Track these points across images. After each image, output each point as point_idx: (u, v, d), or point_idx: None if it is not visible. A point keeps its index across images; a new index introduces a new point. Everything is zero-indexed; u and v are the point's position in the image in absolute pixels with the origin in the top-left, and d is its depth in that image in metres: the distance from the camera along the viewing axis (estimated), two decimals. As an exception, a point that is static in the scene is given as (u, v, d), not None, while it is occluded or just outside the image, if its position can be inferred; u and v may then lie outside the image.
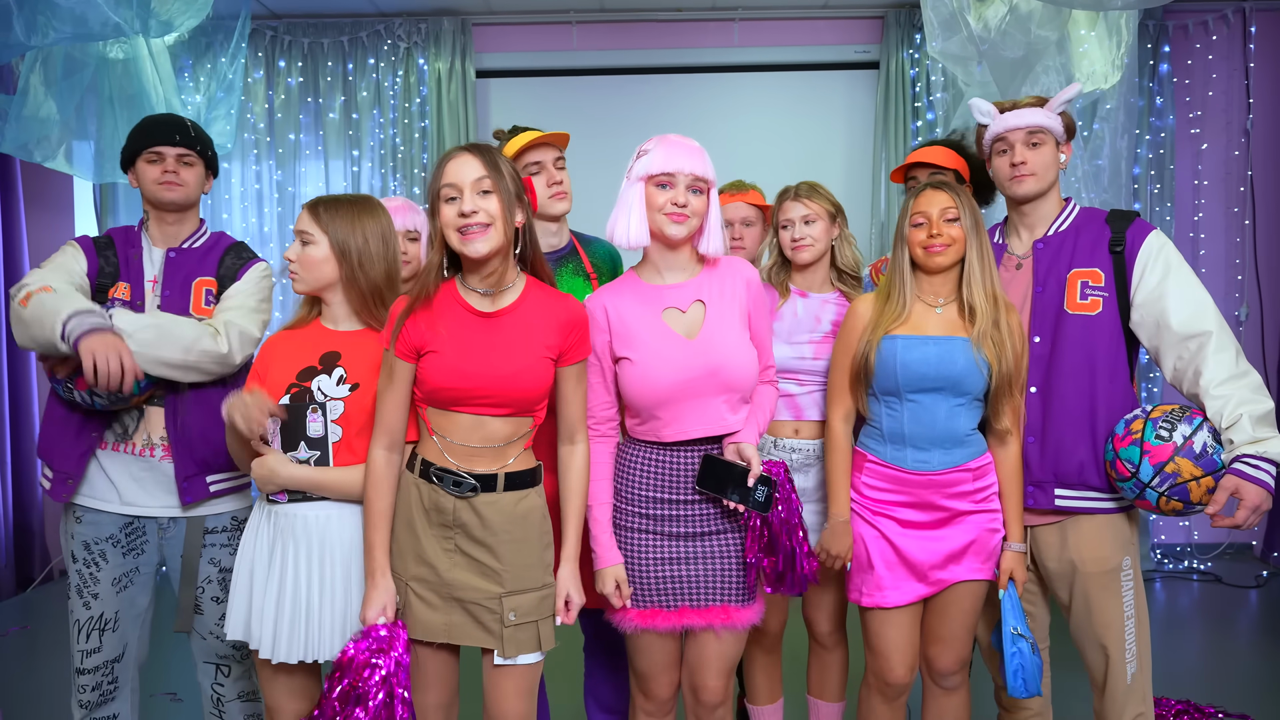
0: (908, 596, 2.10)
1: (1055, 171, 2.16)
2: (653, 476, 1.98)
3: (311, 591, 1.86)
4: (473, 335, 1.82)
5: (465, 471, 1.81)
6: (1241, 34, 4.87)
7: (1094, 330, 2.07)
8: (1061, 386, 2.09)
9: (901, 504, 2.10)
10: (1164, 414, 2.00)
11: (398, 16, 4.98)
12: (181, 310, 2.20)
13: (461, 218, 1.75)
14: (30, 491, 4.77)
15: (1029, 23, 3.13)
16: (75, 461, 2.17)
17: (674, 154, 1.93)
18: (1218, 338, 1.99)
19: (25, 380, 4.74)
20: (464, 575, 1.81)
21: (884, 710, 2.20)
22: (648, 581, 1.98)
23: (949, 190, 2.08)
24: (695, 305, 1.98)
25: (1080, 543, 2.12)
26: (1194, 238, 4.93)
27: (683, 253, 1.99)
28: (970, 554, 2.09)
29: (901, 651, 2.13)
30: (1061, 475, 2.10)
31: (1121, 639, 2.10)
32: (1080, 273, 2.09)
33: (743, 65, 5.08)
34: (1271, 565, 4.78)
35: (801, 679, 2.62)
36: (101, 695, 2.23)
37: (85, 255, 2.23)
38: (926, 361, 2.03)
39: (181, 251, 2.27)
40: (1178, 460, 1.93)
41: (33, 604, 4.49)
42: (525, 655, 1.82)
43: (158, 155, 2.22)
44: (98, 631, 2.20)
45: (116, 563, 2.21)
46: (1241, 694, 3.22)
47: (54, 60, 3.45)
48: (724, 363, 1.93)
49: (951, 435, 2.05)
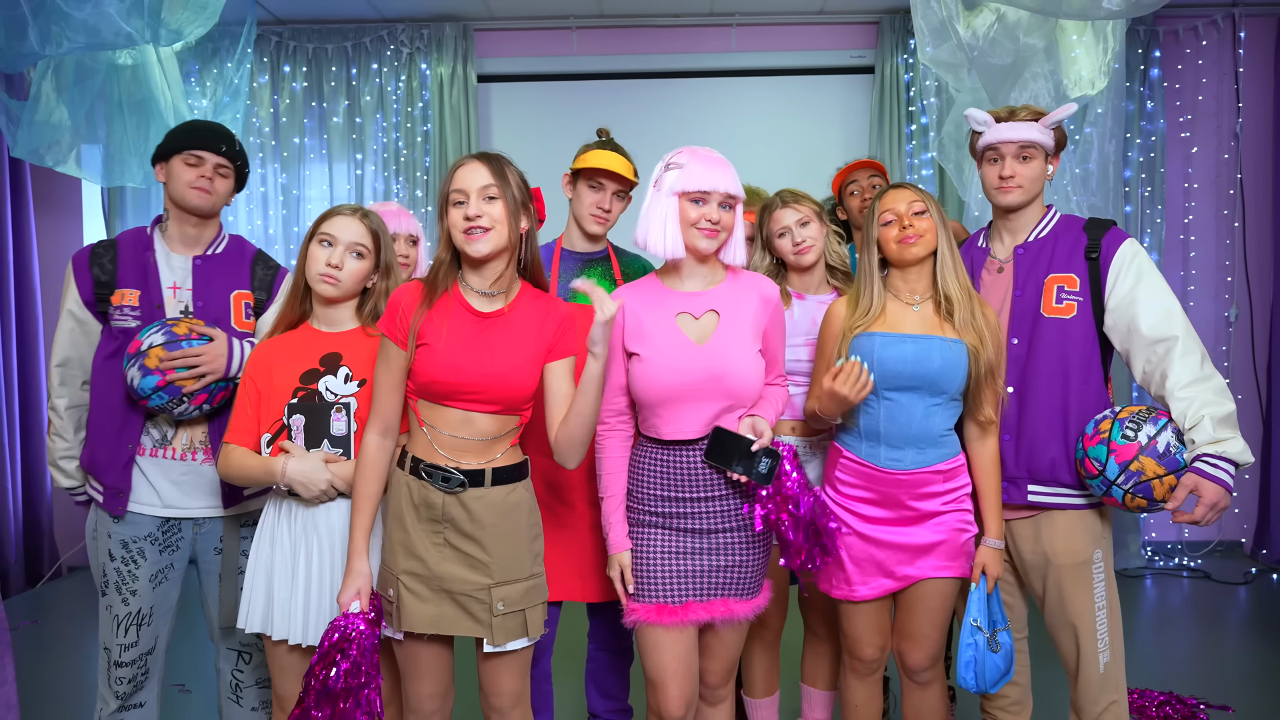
0: (875, 591, 2.16)
1: (1041, 184, 2.23)
2: (659, 475, 2.03)
3: (337, 574, 1.96)
4: (468, 333, 1.89)
5: (453, 467, 1.88)
6: (1231, 39, 4.94)
7: (1068, 333, 2.15)
8: (1036, 387, 2.16)
9: (870, 500, 2.14)
10: (1131, 415, 2.07)
11: (400, 22, 5.06)
12: (220, 321, 2.25)
13: (466, 220, 1.84)
14: (40, 489, 4.84)
15: (1017, 31, 3.20)
16: (119, 474, 2.24)
17: (710, 172, 1.98)
18: (1184, 342, 2.06)
19: (34, 379, 4.82)
20: (452, 568, 1.88)
21: (859, 686, 2.28)
22: (655, 576, 2.02)
23: (911, 187, 2.16)
24: (709, 314, 2.04)
25: (1053, 536, 2.19)
26: (1184, 240, 5.00)
27: (708, 263, 2.06)
28: (938, 552, 2.13)
29: (869, 633, 2.21)
30: (1035, 472, 2.17)
31: (1093, 629, 2.16)
32: (1057, 278, 2.16)
33: (740, 70, 5.16)
34: (1260, 562, 4.85)
35: (794, 672, 2.69)
36: (134, 685, 2.31)
37: (77, 282, 2.27)
38: (904, 359, 2.08)
39: (208, 259, 2.31)
40: (1142, 459, 2.00)
41: (42, 599, 4.57)
42: (514, 642, 1.89)
43: (198, 159, 2.25)
44: (135, 627, 2.27)
45: (154, 560, 2.27)
46: (1228, 688, 3.29)
47: (65, 67, 3.53)
48: (728, 370, 1.98)
49: (926, 435, 2.10)
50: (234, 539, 2.33)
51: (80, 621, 4.25)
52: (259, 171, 5.11)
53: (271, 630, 1.98)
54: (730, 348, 1.99)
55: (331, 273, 1.98)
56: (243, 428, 2.01)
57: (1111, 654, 2.17)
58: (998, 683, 2.17)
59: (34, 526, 4.82)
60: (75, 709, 3.25)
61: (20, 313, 4.78)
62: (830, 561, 2.08)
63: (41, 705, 3.26)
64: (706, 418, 1.99)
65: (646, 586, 2.02)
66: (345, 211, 2.04)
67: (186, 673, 3.48)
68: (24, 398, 4.78)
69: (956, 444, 2.16)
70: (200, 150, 2.25)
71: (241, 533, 2.34)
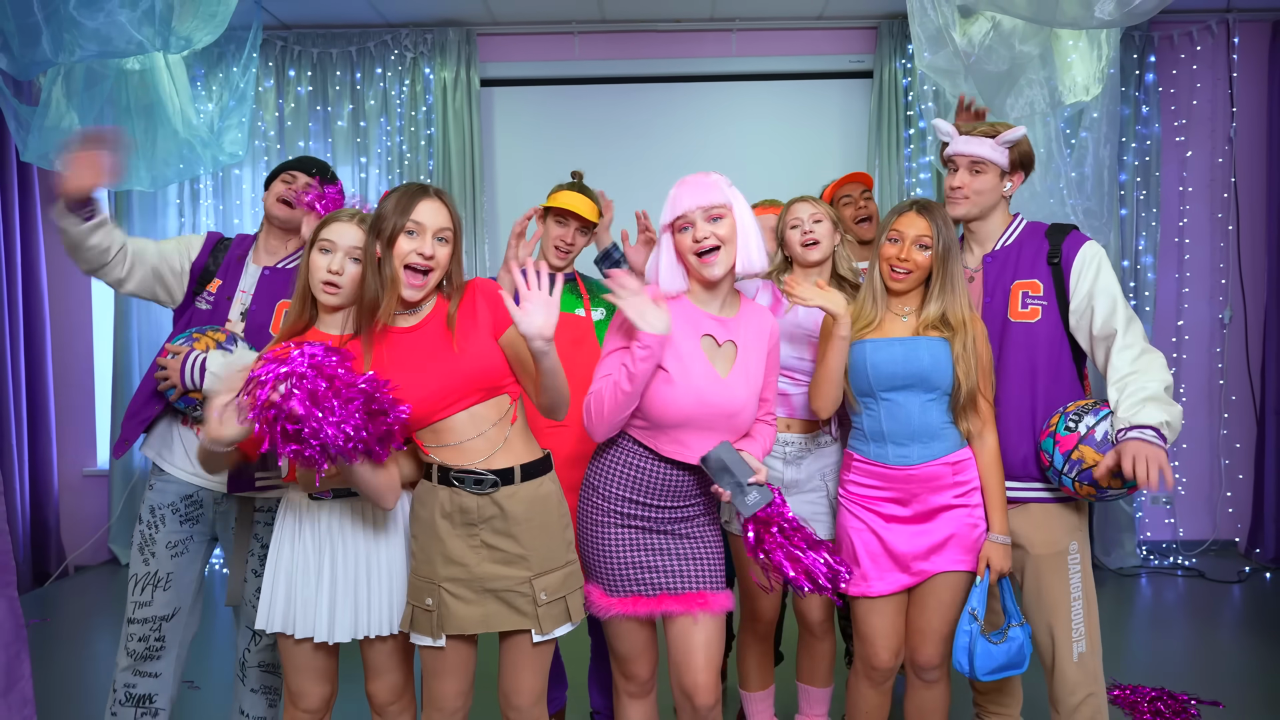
0: (891, 586, 2.22)
1: (994, 197, 2.32)
2: (632, 481, 2.07)
3: (360, 571, 2.01)
4: (407, 351, 1.94)
5: (483, 469, 1.93)
6: (1225, 44, 5.00)
7: (1035, 336, 2.24)
8: (1006, 388, 2.26)
9: (886, 499, 2.23)
10: (1077, 408, 2.16)
11: (404, 27, 5.11)
12: (263, 328, 2.42)
13: (421, 257, 1.90)
14: (47, 489, 4.89)
15: (1012, 38, 3.25)
16: (132, 429, 2.49)
17: (682, 195, 2.01)
18: (1122, 337, 2.15)
19: (42, 379, 4.87)
20: (492, 567, 1.94)
21: (870, 694, 2.32)
22: (624, 570, 2.08)
23: (929, 217, 2.20)
24: (729, 344, 2.08)
25: (1030, 527, 2.27)
26: (1179, 243, 5.06)
27: (723, 288, 2.07)
28: (950, 546, 2.20)
29: (885, 637, 2.25)
30: (1010, 468, 2.26)
31: (1068, 618, 2.23)
32: (1021, 284, 2.26)
33: (740, 74, 5.21)
34: (1254, 561, 4.90)
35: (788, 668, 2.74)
36: (148, 649, 2.42)
37: (200, 249, 2.56)
38: (894, 360, 2.18)
39: (276, 271, 2.52)
40: (1082, 448, 2.09)
41: (49, 598, 4.61)
42: (559, 628, 1.97)
43: (292, 178, 2.54)
44: (150, 586, 2.42)
45: (173, 529, 2.45)
46: (1220, 684, 3.34)
47: (75, 73, 3.57)
48: (743, 409, 2.05)
49: (926, 429, 2.19)
50: (246, 524, 2.47)
51: (87, 620, 4.30)
52: (264, 175, 5.15)
53: (294, 629, 2.02)
54: (745, 386, 2.05)
55: (333, 279, 1.99)
56: None
57: (1088, 646, 2.23)
58: (996, 673, 2.21)
59: (41, 526, 4.86)
60: (81, 707, 3.29)
61: (28, 314, 4.84)
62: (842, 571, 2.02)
63: (48, 703, 3.30)
64: (707, 444, 2.02)
65: (617, 581, 2.09)
66: (343, 217, 2.07)
67: (196, 670, 3.53)
68: (31, 398, 4.83)
69: (958, 438, 2.23)
70: (296, 171, 2.55)
71: (256, 517, 2.47)
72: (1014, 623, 2.24)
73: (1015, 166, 2.32)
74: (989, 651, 2.19)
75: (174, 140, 3.83)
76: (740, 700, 2.75)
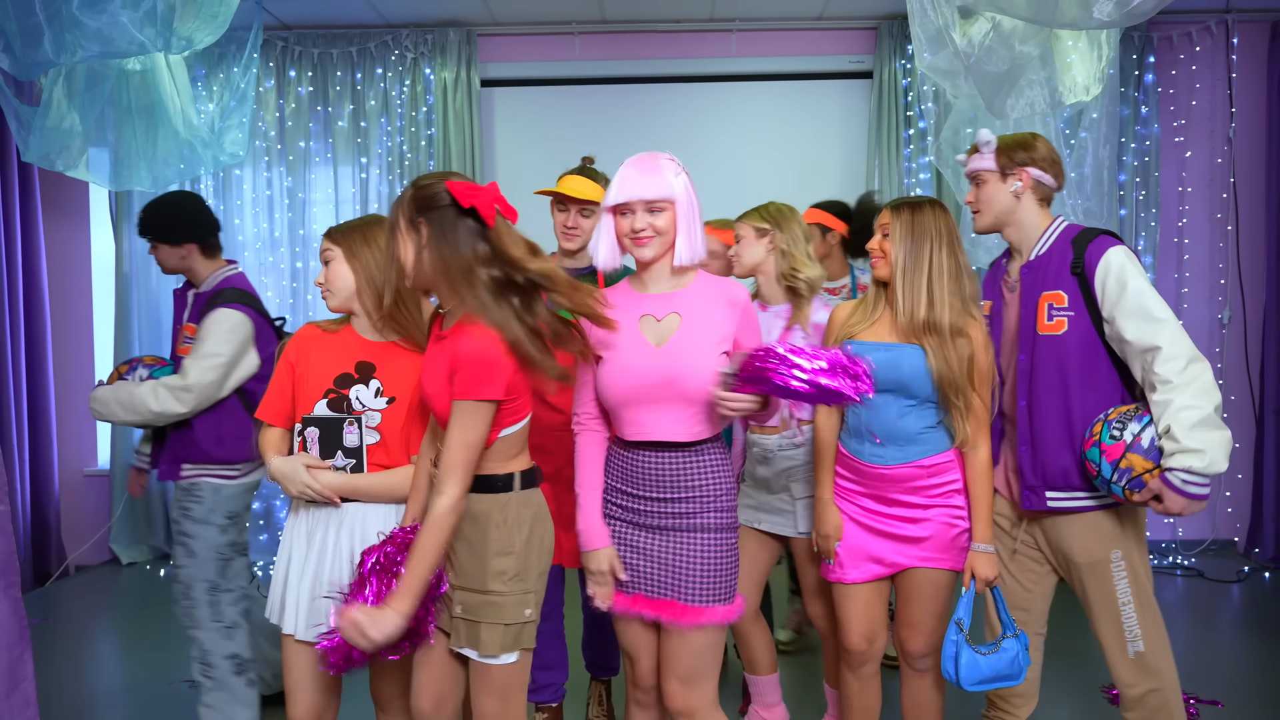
0: (864, 575, 2.28)
1: (1003, 202, 2.27)
2: (617, 471, 2.07)
3: (342, 573, 2.01)
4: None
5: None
6: (1224, 44, 5.00)
7: (1063, 348, 2.20)
8: (1040, 401, 2.23)
9: (861, 493, 2.29)
10: (1119, 415, 2.13)
11: (405, 27, 5.12)
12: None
13: None
14: (47, 488, 4.89)
15: (1012, 39, 3.25)
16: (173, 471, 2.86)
17: (626, 183, 1.99)
18: (1167, 349, 2.09)
19: (42, 380, 4.87)
20: (451, 571, 1.93)
21: (849, 678, 2.38)
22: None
23: (892, 209, 2.26)
24: (671, 316, 2.02)
25: (1070, 536, 2.25)
26: (1178, 243, 5.06)
27: (661, 267, 2.04)
28: (927, 544, 2.23)
29: (858, 621, 2.30)
30: (1050, 479, 2.23)
31: (1118, 622, 2.21)
32: (1048, 295, 2.22)
33: (740, 74, 5.22)
34: (1253, 561, 4.91)
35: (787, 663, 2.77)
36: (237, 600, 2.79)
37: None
38: (876, 365, 2.10)
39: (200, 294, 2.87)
40: (1129, 456, 2.06)
41: (50, 598, 4.62)
42: (468, 650, 1.87)
43: None
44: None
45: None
46: (1219, 684, 3.34)
47: (76, 74, 3.57)
48: (683, 373, 1.95)
49: (903, 433, 2.22)
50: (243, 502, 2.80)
51: (88, 620, 4.31)
52: (264, 175, 5.17)
53: (283, 622, 2.05)
54: (688, 351, 1.97)
55: (323, 286, 2.09)
56: (273, 405, 2.10)
57: (1147, 644, 2.20)
58: (985, 684, 2.19)
59: (42, 526, 4.87)
60: (81, 707, 3.30)
61: (29, 315, 4.84)
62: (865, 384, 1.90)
63: (48, 703, 3.29)
64: (666, 420, 1.97)
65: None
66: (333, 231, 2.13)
67: (196, 669, 3.52)
68: (32, 399, 4.83)
69: (937, 442, 2.24)
70: None
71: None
72: (1008, 634, 2.22)
73: (1008, 163, 2.26)
74: (975, 662, 2.17)
75: (175, 140, 3.83)
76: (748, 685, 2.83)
